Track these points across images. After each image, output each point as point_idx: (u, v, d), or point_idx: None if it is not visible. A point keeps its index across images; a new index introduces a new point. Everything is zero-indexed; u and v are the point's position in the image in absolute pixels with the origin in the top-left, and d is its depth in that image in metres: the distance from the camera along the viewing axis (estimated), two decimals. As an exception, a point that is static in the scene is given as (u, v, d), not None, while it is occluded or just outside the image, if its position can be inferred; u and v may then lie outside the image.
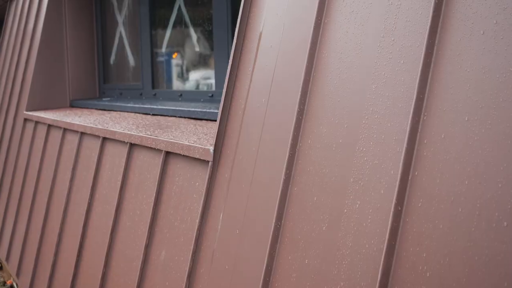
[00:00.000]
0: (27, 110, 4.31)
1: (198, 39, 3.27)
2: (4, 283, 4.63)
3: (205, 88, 3.24)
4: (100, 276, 2.56)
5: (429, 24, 1.24)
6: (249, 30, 1.88)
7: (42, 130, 3.92)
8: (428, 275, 1.16)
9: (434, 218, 1.16)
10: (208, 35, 3.18)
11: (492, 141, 1.08)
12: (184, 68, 3.50)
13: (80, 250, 2.85)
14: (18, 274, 3.82)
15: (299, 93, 1.59)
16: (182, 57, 3.47)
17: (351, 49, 1.45)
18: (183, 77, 3.52)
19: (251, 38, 1.86)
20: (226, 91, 1.90)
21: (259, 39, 1.82)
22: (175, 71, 3.61)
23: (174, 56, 3.69)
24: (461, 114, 1.14)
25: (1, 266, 4.94)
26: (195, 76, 3.35)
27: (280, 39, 1.73)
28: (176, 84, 3.60)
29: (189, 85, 3.44)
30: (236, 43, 1.90)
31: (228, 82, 1.90)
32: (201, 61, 3.27)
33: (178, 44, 3.48)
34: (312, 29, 1.59)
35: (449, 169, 1.15)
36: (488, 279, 1.04)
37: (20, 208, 4.09)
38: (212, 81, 3.15)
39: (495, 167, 1.06)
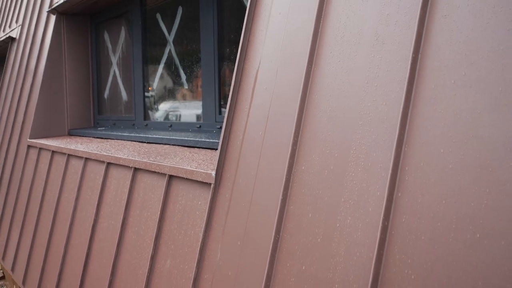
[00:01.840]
0: (30, 138, 4.24)
1: (187, 79, 3.30)
2: (8, 290, 4.49)
3: (192, 120, 3.27)
4: (107, 284, 2.54)
5: (407, 74, 1.31)
6: (245, 74, 1.93)
7: (46, 156, 3.85)
8: (412, 277, 1.22)
9: (416, 230, 1.23)
10: (196, 74, 3.21)
11: (464, 169, 1.15)
12: (174, 103, 3.52)
13: (87, 261, 2.81)
14: (24, 283, 3.72)
15: (293, 128, 1.64)
16: (173, 93, 3.49)
17: (339, 92, 1.52)
18: (172, 110, 3.53)
19: (247, 80, 1.91)
20: (225, 125, 1.94)
21: (255, 81, 1.87)
22: (165, 105, 3.63)
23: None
24: (437, 147, 1.22)
25: (4, 275, 4.78)
26: (184, 109, 3.37)
27: (274, 82, 1.78)
28: (166, 116, 3.62)
29: (178, 117, 3.46)
30: (234, 84, 1.95)
31: (227, 117, 1.94)
32: (189, 97, 3.30)
33: (169, 82, 3.50)
34: (304, 74, 1.65)
35: (428, 191, 1.22)
36: (465, 280, 1.11)
37: (25, 224, 3.99)
38: (200, 113, 3.18)
39: (467, 190, 1.14)
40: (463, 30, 1.22)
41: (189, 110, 3.31)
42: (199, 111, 3.17)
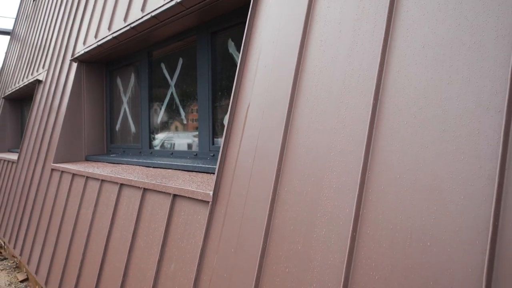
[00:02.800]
0: (54, 163, 4.16)
1: (186, 115, 3.30)
2: (31, 291, 4.32)
3: (189, 148, 3.27)
4: (119, 284, 2.48)
5: (369, 115, 1.35)
6: (237, 113, 1.95)
7: (67, 178, 3.78)
8: (376, 278, 1.23)
9: (379, 240, 1.25)
10: (193, 112, 3.22)
11: (416, 191, 1.19)
12: (175, 134, 3.51)
13: (102, 265, 2.75)
14: (46, 283, 3.59)
15: (277, 157, 1.66)
16: (174, 126, 3.48)
17: (314, 130, 1.55)
18: (173, 140, 3.52)
19: (239, 119, 1.93)
20: (221, 153, 1.95)
21: (245, 120, 1.89)
22: (167, 135, 3.61)
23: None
24: (394, 174, 1.25)
25: (27, 277, 4.62)
26: (183, 140, 3.37)
27: (261, 120, 1.80)
28: (168, 145, 3.60)
29: (178, 146, 3.45)
30: (228, 121, 1.97)
31: (222, 147, 1.95)
32: (188, 130, 3.30)
33: (171, 118, 3.50)
34: (285, 115, 1.68)
35: (388, 208, 1.25)
36: (419, 280, 1.13)
37: (48, 234, 3.88)
38: (196, 143, 3.18)
39: (418, 207, 1.17)
40: (412, 82, 1.27)
41: (187, 140, 3.30)
42: (196, 141, 3.18)
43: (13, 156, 6.31)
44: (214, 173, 2.50)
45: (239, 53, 2.71)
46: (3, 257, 5.62)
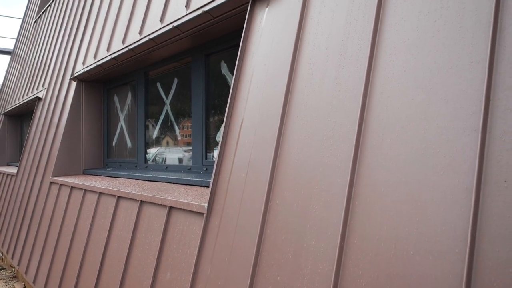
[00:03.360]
0: (52, 176, 4.10)
1: (180, 131, 3.30)
2: (28, 300, 4.21)
3: (183, 162, 3.26)
4: (116, 293, 2.44)
5: (355, 133, 1.38)
6: (231, 130, 1.96)
7: (65, 191, 3.72)
8: (363, 285, 1.24)
9: (365, 249, 1.26)
10: (187, 128, 3.22)
11: (400, 203, 1.21)
12: (169, 149, 3.50)
13: (99, 274, 2.70)
14: (43, 293, 3.51)
15: (269, 171, 1.67)
16: (168, 142, 3.47)
17: (304, 145, 1.57)
18: (168, 155, 3.51)
19: (233, 135, 1.94)
20: (215, 168, 1.95)
21: (238, 136, 1.90)
22: (162, 150, 3.60)
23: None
24: (379, 187, 1.27)
25: (25, 287, 4.50)
26: (177, 154, 3.35)
27: (253, 136, 1.81)
28: (162, 159, 3.58)
29: (172, 160, 3.44)
30: (222, 137, 1.97)
31: (217, 162, 1.95)
32: (182, 145, 3.29)
33: (166, 133, 3.49)
34: (277, 131, 1.69)
35: (373, 220, 1.26)
36: (403, 286, 1.14)
37: (46, 245, 3.80)
38: (190, 157, 3.17)
39: (402, 219, 1.19)
40: (395, 104, 1.30)
41: (181, 155, 3.29)
42: (189, 156, 3.17)
43: (13, 170, 6.20)
44: (207, 186, 2.50)
45: (232, 74, 2.74)
46: (1, 267, 5.48)
